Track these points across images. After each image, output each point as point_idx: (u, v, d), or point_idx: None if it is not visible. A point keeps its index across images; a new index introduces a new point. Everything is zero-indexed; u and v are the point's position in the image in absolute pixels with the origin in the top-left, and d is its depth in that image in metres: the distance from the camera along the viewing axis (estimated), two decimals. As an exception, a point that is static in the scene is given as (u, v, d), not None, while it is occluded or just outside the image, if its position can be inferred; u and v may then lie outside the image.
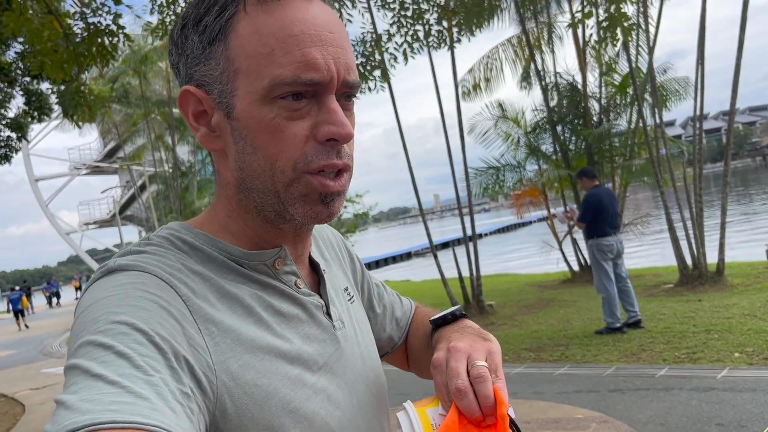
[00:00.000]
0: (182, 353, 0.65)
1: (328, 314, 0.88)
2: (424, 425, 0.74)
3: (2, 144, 11.12)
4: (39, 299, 43.98)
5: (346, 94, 0.79)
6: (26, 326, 24.77)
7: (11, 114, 11.26)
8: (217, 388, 0.68)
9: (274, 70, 0.72)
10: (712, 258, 9.40)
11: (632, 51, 10.90)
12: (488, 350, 0.80)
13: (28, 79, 10.25)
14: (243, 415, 0.70)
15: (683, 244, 9.46)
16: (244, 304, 0.77)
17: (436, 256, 10.69)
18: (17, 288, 29.17)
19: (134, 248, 0.78)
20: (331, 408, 0.80)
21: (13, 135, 11.25)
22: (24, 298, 26.25)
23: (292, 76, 0.72)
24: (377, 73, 9.83)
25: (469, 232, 10.76)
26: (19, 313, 25.43)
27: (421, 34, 9.57)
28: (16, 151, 11.52)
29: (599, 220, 7.34)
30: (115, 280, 0.70)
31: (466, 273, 10.66)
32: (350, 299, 1.00)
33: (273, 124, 0.74)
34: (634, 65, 10.51)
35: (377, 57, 9.75)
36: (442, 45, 9.92)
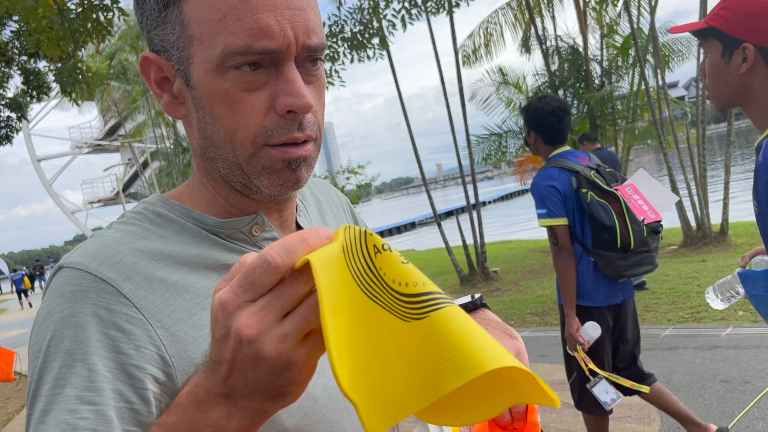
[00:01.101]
0: (124, 367, 0.66)
1: None
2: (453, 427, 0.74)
3: (2, 124, 11.10)
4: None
5: (311, 58, 0.74)
6: (30, 305, 25.52)
7: (10, 94, 11.22)
8: (177, 380, 0.69)
9: (226, 38, 0.69)
10: (715, 219, 9.39)
11: (634, 11, 10.76)
12: (517, 350, 0.78)
13: (25, 57, 10.18)
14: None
15: (687, 205, 9.45)
16: (214, 278, 0.76)
17: (440, 225, 10.72)
18: (25, 268, 29.89)
19: (100, 231, 0.79)
20: (317, 376, 0.77)
21: (13, 115, 11.23)
22: (26, 278, 27.33)
23: (244, 44, 0.68)
24: (376, 41, 9.73)
25: (472, 200, 10.76)
26: (22, 293, 26.43)
27: (419, 0, 9.44)
28: (17, 131, 11.51)
29: (602, 183, 7.32)
30: (61, 285, 0.69)
31: (470, 241, 10.69)
32: None
33: (229, 95, 0.72)
34: (635, 26, 10.38)
35: (375, 24, 9.64)
36: (441, 10, 9.79)
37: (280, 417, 0.73)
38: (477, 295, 0.92)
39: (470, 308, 0.90)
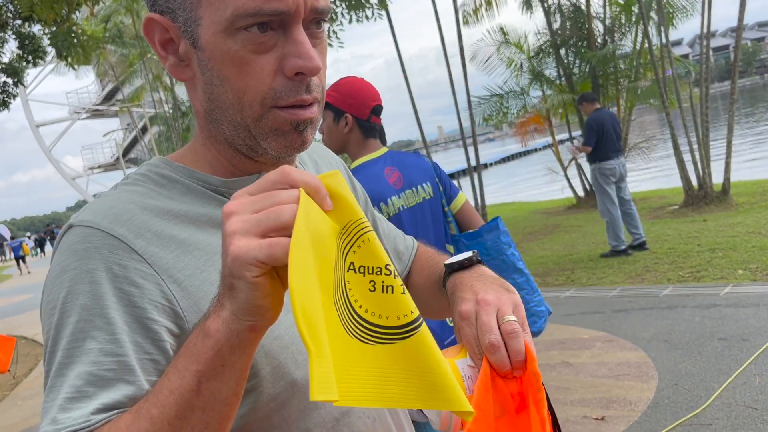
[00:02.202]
0: (139, 319, 0.68)
1: None
2: (456, 377, 0.75)
3: (-1, 90, 10.99)
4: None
5: (316, 20, 0.75)
6: (28, 272, 26.50)
7: (5, 59, 11.09)
8: (188, 326, 0.71)
9: (239, 3, 0.69)
10: (717, 179, 9.37)
11: (638, -33, 10.53)
12: (514, 303, 0.81)
13: (19, 21, 10.03)
14: None
15: (689, 165, 9.41)
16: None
17: (440, 187, 10.69)
18: (28, 234, 31.40)
19: (106, 192, 0.79)
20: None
21: (9, 80, 11.11)
22: (24, 245, 28.87)
23: (254, 6, 0.69)
24: (374, 0, 9.57)
25: (473, 163, 10.72)
26: (20, 259, 27.70)
27: (418, -42, 9.25)
28: (14, 96, 11.40)
29: (601, 143, 7.30)
30: (72, 243, 0.70)
31: (471, 203, 10.68)
32: None
33: (238, 56, 0.72)
34: (639, -18, 10.17)
35: (374, -16, 9.46)
36: (441, -31, 9.61)
37: (289, 368, 0.77)
38: (473, 252, 0.95)
39: (467, 264, 0.93)
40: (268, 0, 0.69)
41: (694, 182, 9.51)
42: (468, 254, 0.94)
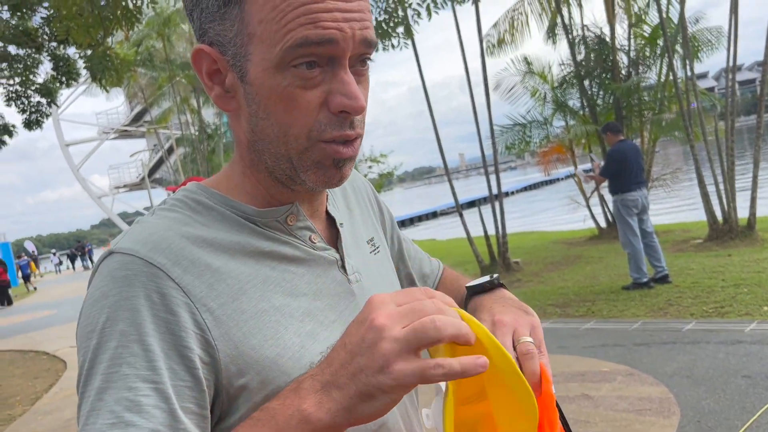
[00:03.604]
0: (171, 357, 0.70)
1: (343, 267, 0.89)
2: None
3: (33, 109, 11.28)
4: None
5: (362, 56, 0.78)
6: (34, 288, 27.39)
7: (40, 79, 11.39)
8: (220, 362, 0.72)
9: (286, 35, 0.72)
10: (743, 213, 9.26)
11: (663, 1, 10.57)
12: (532, 325, 0.81)
13: (55, 44, 10.33)
14: (252, 378, 0.73)
15: (713, 198, 9.31)
16: (253, 264, 0.79)
17: (461, 215, 10.70)
18: (53, 252, 32.12)
19: (144, 218, 0.82)
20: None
21: (43, 100, 11.40)
22: (32, 263, 29.90)
23: (301, 36, 0.71)
24: (400, 29, 9.70)
25: (494, 191, 10.72)
26: (26, 277, 28.87)
27: (444, -12, 9.38)
28: (47, 116, 11.70)
29: (623, 175, 7.26)
30: (113, 269, 0.72)
31: (492, 231, 10.66)
32: (374, 251, 1.01)
33: (286, 92, 0.74)
34: (664, 15, 10.21)
35: (400, 13, 9.60)
36: (466, -1, 9.72)
37: None
38: (495, 275, 0.97)
39: (488, 287, 0.95)
40: (314, 29, 0.71)
41: (719, 216, 9.40)
42: (489, 277, 0.96)
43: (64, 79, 11.11)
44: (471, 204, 27.77)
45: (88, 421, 0.65)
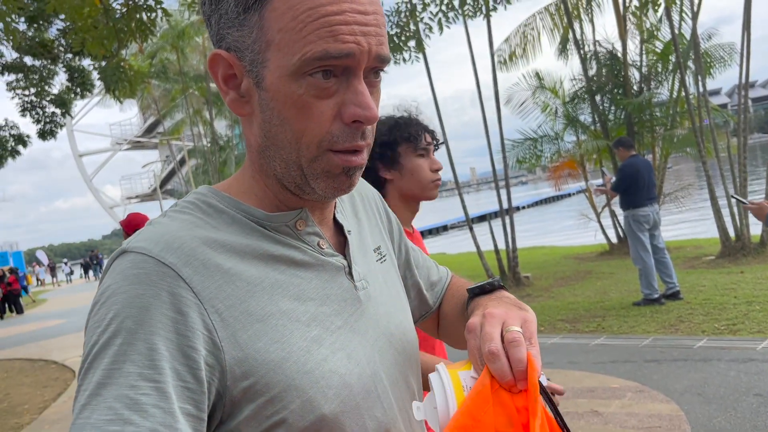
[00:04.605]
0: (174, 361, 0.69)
1: (351, 274, 0.90)
2: (456, 386, 0.76)
3: (47, 120, 11.44)
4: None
5: (375, 69, 0.79)
6: (33, 300, 27.92)
7: (55, 90, 11.55)
8: (225, 364, 0.72)
9: (305, 47, 0.73)
10: (755, 230, 9.18)
11: (675, 17, 10.58)
12: (523, 318, 0.80)
13: (70, 55, 10.48)
14: (256, 381, 0.73)
15: (726, 215, 9.25)
16: (262, 268, 0.80)
17: (471, 229, 10.68)
18: (65, 260, 32.32)
19: (157, 219, 0.82)
20: (351, 365, 0.82)
21: (58, 111, 11.56)
22: (29, 276, 30.59)
23: (321, 49, 0.73)
24: (412, 43, 9.76)
25: (505, 205, 10.70)
26: (23, 289, 28.94)
27: (456, 3, 9.42)
28: (61, 126, 11.84)
29: (635, 190, 7.23)
30: (124, 268, 0.73)
31: (502, 246, 10.63)
32: (380, 259, 1.02)
33: (301, 100, 0.76)
34: (677, 31, 10.20)
35: (412, 27, 9.67)
36: (478, 13, 9.76)
37: (319, 403, 0.76)
38: (495, 278, 0.98)
39: (488, 289, 0.96)
40: (334, 42, 0.73)
41: (732, 233, 9.33)
42: (490, 280, 0.97)
43: (78, 90, 11.26)
44: (482, 218, 27.74)
45: (82, 414, 0.65)
